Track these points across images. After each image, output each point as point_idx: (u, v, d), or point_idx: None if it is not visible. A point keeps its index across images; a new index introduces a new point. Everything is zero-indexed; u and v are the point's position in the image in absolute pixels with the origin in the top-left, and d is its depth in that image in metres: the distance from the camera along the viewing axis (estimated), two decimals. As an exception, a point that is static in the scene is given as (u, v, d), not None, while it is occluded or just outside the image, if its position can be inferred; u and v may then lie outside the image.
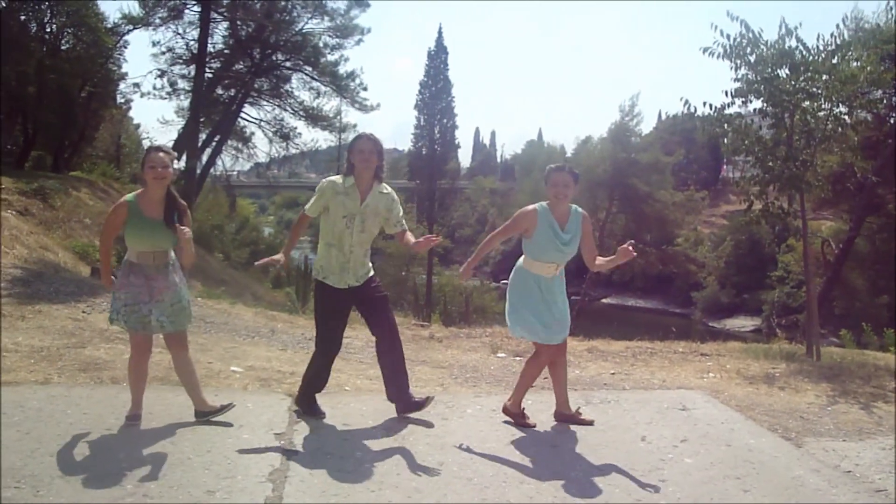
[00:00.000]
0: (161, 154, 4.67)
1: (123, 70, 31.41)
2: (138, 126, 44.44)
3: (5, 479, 3.79)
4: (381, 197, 5.07)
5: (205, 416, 4.88)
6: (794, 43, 9.01)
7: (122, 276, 4.72)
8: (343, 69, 31.84)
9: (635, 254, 4.80)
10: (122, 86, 31.68)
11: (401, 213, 5.18)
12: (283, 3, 29.70)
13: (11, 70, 23.00)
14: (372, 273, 5.20)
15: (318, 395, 5.34)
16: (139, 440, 4.48)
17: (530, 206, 5.15)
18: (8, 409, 4.87)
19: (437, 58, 53.67)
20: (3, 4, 23.93)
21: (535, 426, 5.22)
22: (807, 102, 9.09)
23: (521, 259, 5.21)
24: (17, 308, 8.46)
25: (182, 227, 4.60)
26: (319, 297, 5.29)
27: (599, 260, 5.17)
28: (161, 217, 4.63)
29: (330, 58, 31.63)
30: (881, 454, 5.12)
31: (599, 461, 4.52)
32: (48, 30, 25.76)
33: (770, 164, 9.37)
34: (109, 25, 27.68)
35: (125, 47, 30.02)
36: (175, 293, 4.74)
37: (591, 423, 5.34)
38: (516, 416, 5.28)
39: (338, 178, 5.08)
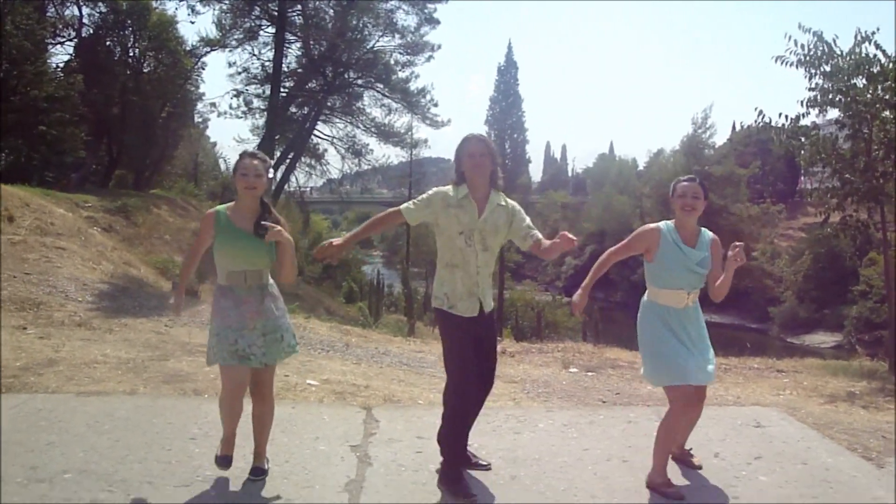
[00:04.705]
0: (254, 161, 4.07)
1: (201, 90, 32.79)
2: (215, 144, 46.03)
3: (99, 483, 4.01)
4: (500, 210, 4.31)
5: (261, 473, 4.24)
6: (872, 49, 8.78)
7: (214, 303, 4.15)
8: (414, 86, 32.38)
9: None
10: (199, 106, 33.00)
11: (527, 222, 4.37)
12: (354, 22, 30.25)
13: (99, 93, 24.03)
14: (494, 305, 4.58)
15: (396, 409, 5.35)
16: (221, 449, 4.63)
17: (652, 224, 4.52)
18: (99, 417, 5.11)
19: (507, 73, 53.77)
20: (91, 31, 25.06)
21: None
22: (886, 112, 8.85)
23: (647, 292, 4.53)
24: (105, 321, 8.85)
25: (273, 227, 3.94)
26: (449, 333, 4.33)
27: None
28: (251, 230, 4.04)
29: (401, 75, 32.22)
30: (970, 476, 4.94)
31: (671, 477, 4.48)
32: (131, 54, 26.83)
33: (848, 175, 9.14)
34: (188, 48, 28.74)
35: (203, 69, 31.19)
36: (269, 322, 4.09)
37: (699, 467, 4.74)
38: (661, 485, 4.34)
39: (448, 189, 4.31)
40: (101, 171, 26.85)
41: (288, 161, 31.95)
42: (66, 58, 26.43)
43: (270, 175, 4.18)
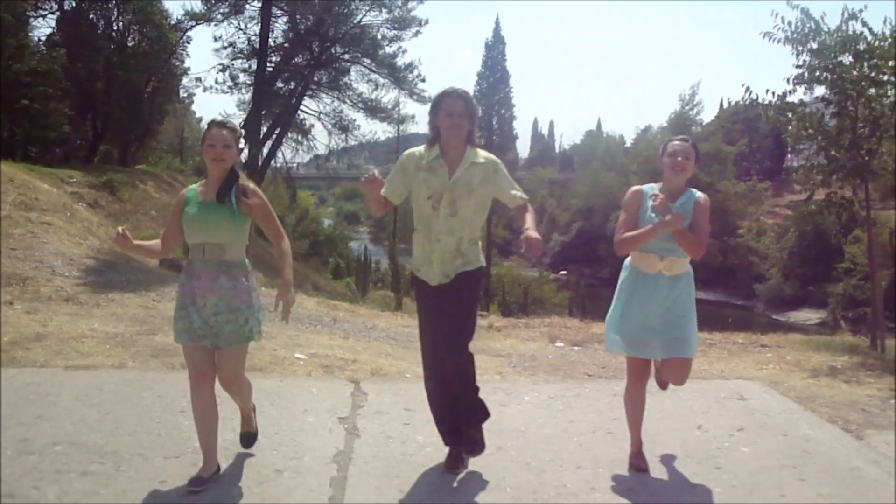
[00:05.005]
0: (223, 131, 3.76)
1: (186, 65, 32.39)
2: (200, 120, 45.65)
3: (89, 456, 4.04)
4: (475, 168, 4.01)
5: (250, 438, 4.28)
6: (858, 27, 8.79)
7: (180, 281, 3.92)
8: (401, 61, 32.29)
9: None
10: (185, 80, 32.81)
11: (509, 182, 4.14)
12: (340, -5, 30.03)
13: (82, 67, 23.79)
14: (471, 268, 4.10)
15: (384, 382, 5.35)
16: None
17: (635, 187, 4.35)
18: (88, 391, 5.14)
19: (495, 48, 53.86)
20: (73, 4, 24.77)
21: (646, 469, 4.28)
22: (872, 90, 8.88)
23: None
24: (92, 296, 8.84)
25: (246, 201, 3.71)
26: (416, 298, 4.35)
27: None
28: (214, 198, 3.76)
29: (388, 50, 32.09)
30: (946, 447, 5.04)
31: (655, 448, 4.55)
32: (115, 28, 26.57)
33: (834, 152, 9.19)
34: (173, 22, 28.54)
35: (188, 43, 30.94)
36: (223, 302, 3.72)
37: (663, 387, 4.76)
38: (630, 456, 4.34)
39: (420, 150, 4.07)
40: (85, 147, 26.66)
41: (274, 136, 31.79)
42: (49, 31, 26.19)
43: (241, 146, 3.87)
